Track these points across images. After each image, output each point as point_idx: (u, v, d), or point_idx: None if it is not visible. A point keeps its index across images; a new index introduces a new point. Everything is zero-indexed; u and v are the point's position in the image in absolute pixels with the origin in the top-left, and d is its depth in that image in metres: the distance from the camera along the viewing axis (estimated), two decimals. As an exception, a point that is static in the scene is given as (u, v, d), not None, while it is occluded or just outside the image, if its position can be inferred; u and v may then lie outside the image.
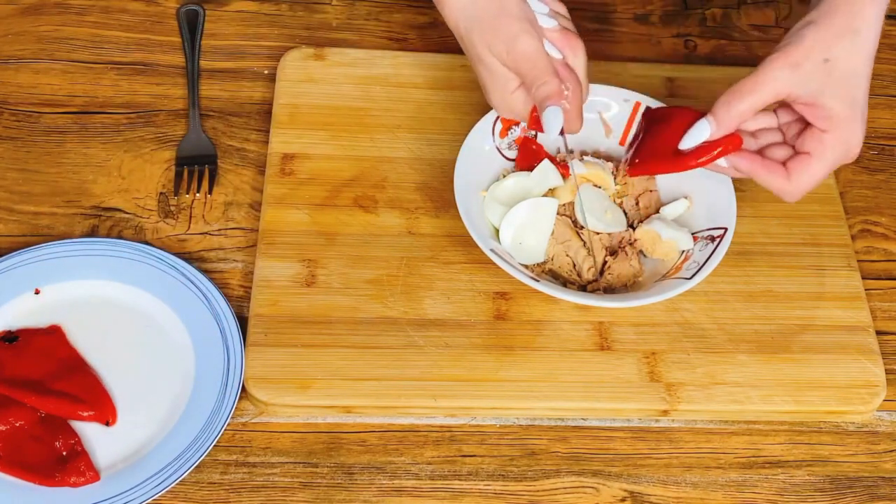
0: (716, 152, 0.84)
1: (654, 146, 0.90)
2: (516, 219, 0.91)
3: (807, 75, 0.80)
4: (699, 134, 0.84)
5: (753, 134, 0.86)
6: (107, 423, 0.82)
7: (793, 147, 0.85)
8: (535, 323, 0.89)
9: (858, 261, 0.96)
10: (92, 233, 0.93)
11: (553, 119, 0.84)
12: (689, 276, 0.87)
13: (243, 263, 0.92)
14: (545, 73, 0.84)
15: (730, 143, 0.84)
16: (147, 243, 0.92)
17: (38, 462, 0.80)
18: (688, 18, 1.14)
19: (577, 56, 0.87)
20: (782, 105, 0.85)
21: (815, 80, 0.81)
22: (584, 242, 0.91)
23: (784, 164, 0.84)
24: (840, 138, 0.82)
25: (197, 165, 0.97)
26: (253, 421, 0.85)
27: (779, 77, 0.81)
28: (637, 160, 0.91)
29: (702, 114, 0.84)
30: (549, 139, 0.92)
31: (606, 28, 1.12)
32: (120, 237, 0.92)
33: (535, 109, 0.86)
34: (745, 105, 0.82)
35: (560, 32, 0.87)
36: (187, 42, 1.05)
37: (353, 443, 0.84)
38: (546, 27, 0.86)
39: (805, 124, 0.84)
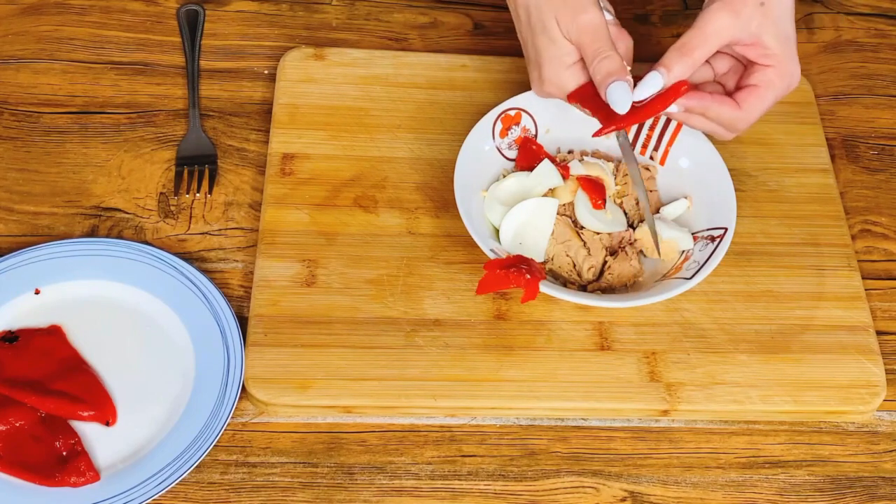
0: (670, 100, 0.86)
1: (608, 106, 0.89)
2: (516, 219, 0.91)
3: (747, 20, 0.86)
4: (651, 86, 0.86)
5: (697, 87, 0.90)
6: (107, 423, 0.82)
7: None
8: (535, 323, 0.89)
9: (858, 261, 0.96)
10: (92, 233, 0.93)
11: (621, 93, 0.85)
12: (689, 276, 0.87)
13: (243, 263, 0.92)
14: (608, 46, 0.86)
15: (678, 88, 0.86)
16: (147, 243, 0.92)
17: (38, 462, 0.80)
18: (688, 18, 1.14)
19: (625, 51, 0.89)
20: (717, 55, 0.90)
21: (754, 22, 0.86)
22: (584, 242, 0.91)
23: (732, 97, 0.89)
24: (784, 71, 0.88)
25: (197, 165, 0.97)
26: (253, 421, 0.85)
27: (723, 26, 0.86)
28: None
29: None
30: (620, 109, 0.87)
31: (606, 28, 1.12)
32: (120, 237, 0.92)
33: (586, 87, 0.87)
34: (696, 56, 0.86)
35: (614, 25, 0.89)
36: (187, 42, 1.05)
37: (353, 443, 0.84)
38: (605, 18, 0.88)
39: (741, 71, 0.90)
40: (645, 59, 1.08)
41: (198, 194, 0.96)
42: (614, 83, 0.85)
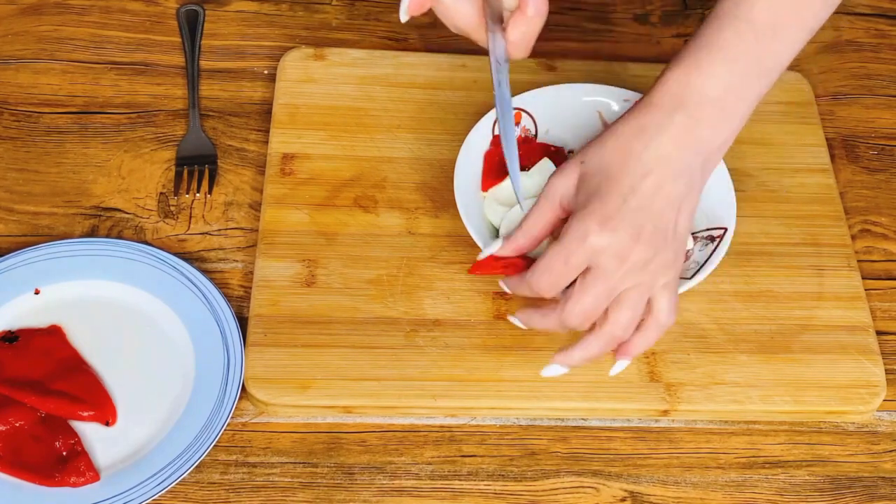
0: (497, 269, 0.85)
1: None
2: (516, 219, 0.91)
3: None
4: (490, 247, 0.84)
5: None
6: (107, 423, 0.82)
7: None
8: (535, 323, 0.89)
9: (858, 261, 0.96)
10: (92, 233, 0.93)
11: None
12: (689, 276, 0.87)
13: (243, 263, 0.92)
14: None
15: (512, 265, 0.84)
16: (147, 243, 0.92)
17: (38, 462, 0.80)
18: (688, 18, 1.14)
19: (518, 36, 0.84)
20: None
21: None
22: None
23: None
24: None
25: (197, 165, 0.97)
26: (253, 421, 0.85)
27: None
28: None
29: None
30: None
31: (606, 28, 1.12)
32: (120, 237, 0.92)
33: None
34: (527, 241, 0.83)
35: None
36: (187, 42, 1.05)
37: (353, 443, 0.84)
38: None
39: None
40: (646, 59, 1.09)
41: (198, 194, 0.96)
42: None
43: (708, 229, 0.91)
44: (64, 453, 0.80)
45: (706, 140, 0.79)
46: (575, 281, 0.79)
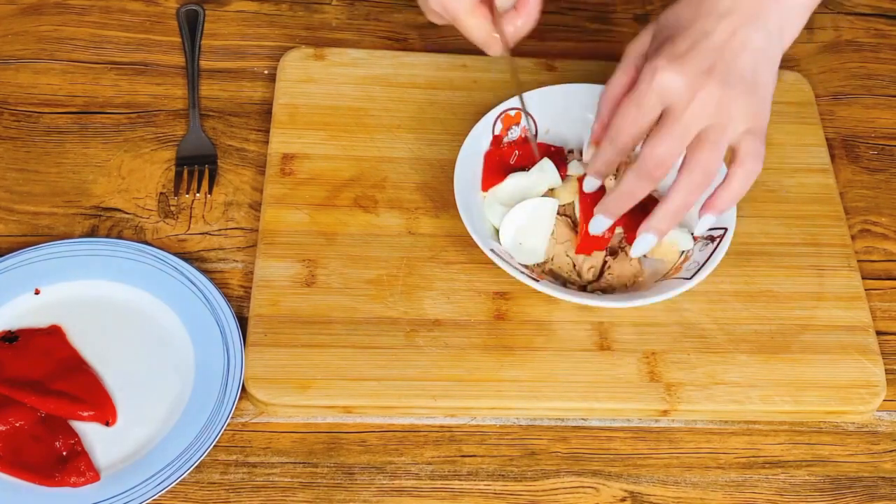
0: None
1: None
2: (516, 219, 0.91)
3: None
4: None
5: None
6: (107, 423, 0.82)
7: None
8: (535, 323, 0.89)
9: (858, 261, 0.96)
10: (92, 233, 0.93)
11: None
12: (689, 277, 0.87)
13: (243, 263, 0.92)
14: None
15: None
16: (147, 243, 0.92)
17: (38, 462, 0.80)
18: (688, 18, 1.14)
19: (513, 31, 0.85)
20: None
21: None
22: (584, 242, 0.91)
23: None
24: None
25: (197, 165, 0.97)
26: (253, 421, 0.85)
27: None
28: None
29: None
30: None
31: (606, 28, 1.12)
32: (120, 237, 0.92)
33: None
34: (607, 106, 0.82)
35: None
36: (187, 42, 1.05)
37: (353, 443, 0.84)
38: None
39: None
40: (645, 59, 1.09)
41: (198, 194, 0.96)
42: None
43: (708, 229, 0.91)
44: (64, 453, 0.80)
45: (779, 20, 0.75)
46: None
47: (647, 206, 0.91)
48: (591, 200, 0.90)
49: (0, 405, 0.81)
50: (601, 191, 0.87)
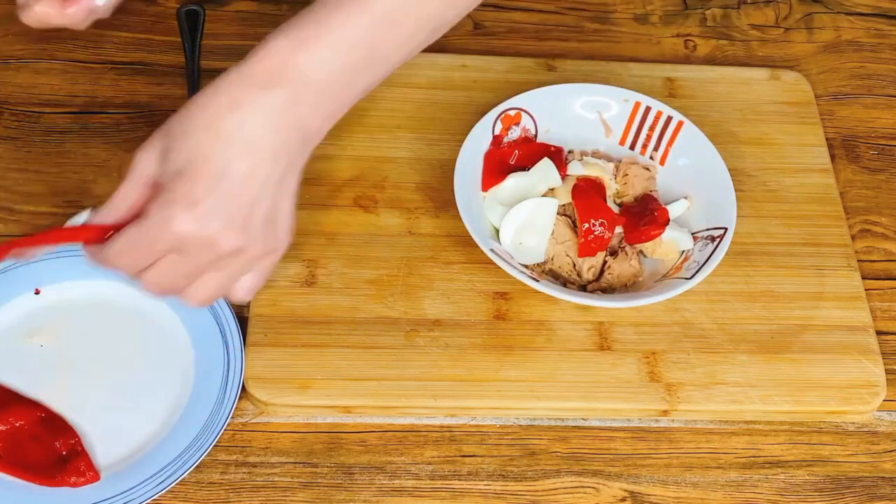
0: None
1: None
2: (516, 219, 0.91)
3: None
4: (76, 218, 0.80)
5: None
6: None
7: None
8: (535, 323, 0.89)
9: (858, 261, 0.96)
10: (92, 233, 0.93)
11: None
12: (689, 276, 0.87)
13: (243, 263, 0.92)
14: None
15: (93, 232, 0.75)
16: (147, 243, 0.92)
17: (38, 462, 0.80)
18: (688, 18, 1.14)
19: None
20: None
21: None
22: (584, 242, 0.91)
23: None
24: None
25: (197, 165, 0.97)
26: (253, 421, 0.85)
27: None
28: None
29: None
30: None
31: (606, 28, 1.12)
32: (120, 237, 0.92)
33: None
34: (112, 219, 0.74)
35: None
36: (187, 42, 1.05)
37: (353, 443, 0.84)
38: None
39: None
40: (646, 59, 1.09)
41: (198, 194, 0.95)
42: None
43: (708, 229, 0.91)
44: (64, 453, 0.80)
45: (306, 119, 0.72)
46: None
47: (648, 207, 0.91)
48: (589, 202, 0.90)
49: (0, 405, 0.81)
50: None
